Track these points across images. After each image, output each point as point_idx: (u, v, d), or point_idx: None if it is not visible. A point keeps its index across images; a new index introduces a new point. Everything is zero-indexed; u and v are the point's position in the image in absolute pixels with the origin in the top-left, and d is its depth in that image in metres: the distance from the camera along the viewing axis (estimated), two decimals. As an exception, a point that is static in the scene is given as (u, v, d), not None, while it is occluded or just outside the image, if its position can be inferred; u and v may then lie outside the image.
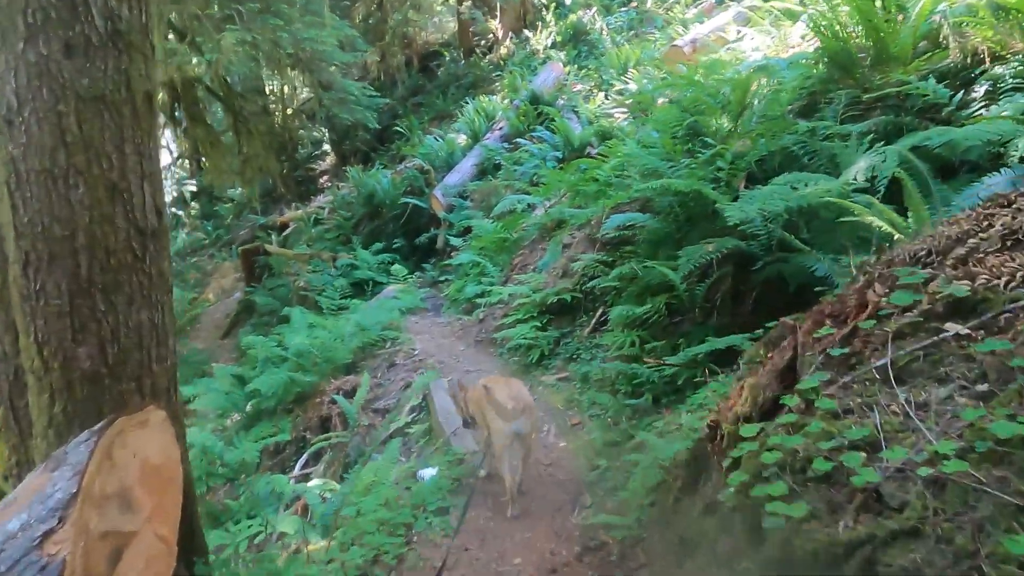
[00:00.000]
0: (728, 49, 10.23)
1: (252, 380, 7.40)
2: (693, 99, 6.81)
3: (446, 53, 19.91)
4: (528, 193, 9.52)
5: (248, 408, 7.41)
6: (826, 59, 6.34)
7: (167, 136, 22.15)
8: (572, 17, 17.09)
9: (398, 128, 17.24)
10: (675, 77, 7.44)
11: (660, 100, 11.01)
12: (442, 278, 10.93)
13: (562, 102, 12.95)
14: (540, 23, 17.73)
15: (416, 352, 7.52)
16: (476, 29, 20.05)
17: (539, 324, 6.76)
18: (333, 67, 13.75)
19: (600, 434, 4.74)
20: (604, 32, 15.95)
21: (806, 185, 4.72)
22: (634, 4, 16.59)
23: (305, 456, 6.58)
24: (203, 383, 8.36)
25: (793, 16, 9.23)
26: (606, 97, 12.52)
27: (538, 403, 5.82)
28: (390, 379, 7.18)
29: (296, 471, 6.52)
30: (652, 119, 7.06)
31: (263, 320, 12.31)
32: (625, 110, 11.69)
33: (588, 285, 6.49)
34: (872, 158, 4.40)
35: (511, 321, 6.96)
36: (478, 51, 19.19)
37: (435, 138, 14.23)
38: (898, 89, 5.45)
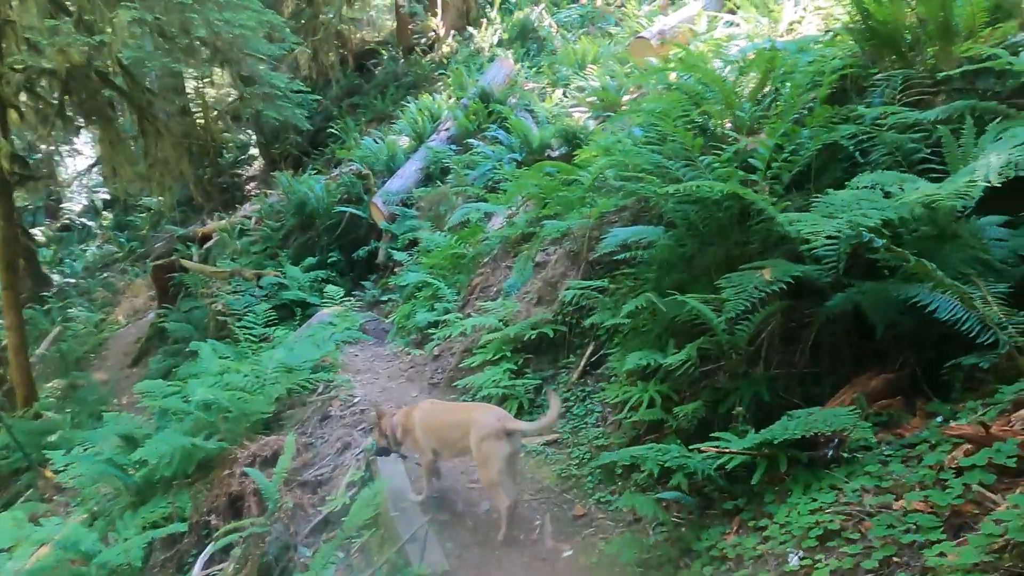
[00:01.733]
0: (700, 41, 8.92)
1: (143, 442, 5.58)
2: (691, 87, 5.36)
3: (384, 52, 18.13)
4: (485, 200, 7.93)
5: (137, 478, 5.58)
6: (862, 35, 4.98)
7: (83, 138, 19.67)
8: (519, 14, 15.60)
9: (333, 130, 15.41)
10: (672, 59, 5.97)
11: (626, 96, 9.70)
12: (384, 298, 9.26)
13: (514, 100, 11.43)
14: (485, 20, 16.18)
15: (356, 400, 5.83)
16: (416, 27, 18.36)
17: (513, 366, 5.18)
18: (260, 63, 11.88)
19: (625, 546, 3.19)
20: (554, 29, 14.51)
21: (901, 188, 3.29)
22: (583, 0, 15.22)
23: (208, 551, 4.83)
24: (84, 439, 6.47)
25: (784, -6, 7.94)
26: (564, 95, 11.04)
27: (520, 479, 4.25)
28: (323, 437, 5.48)
29: (196, 572, 4.75)
30: (644, 111, 5.55)
31: (176, 348, 10.35)
32: (586, 109, 10.25)
33: (584, 318, 4.94)
34: (1012, 150, 3.00)
35: (478, 362, 5.35)
36: (418, 49, 17.49)
37: (374, 140, 12.49)
38: (980, 66, 4.12)
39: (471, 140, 10.36)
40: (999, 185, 3.01)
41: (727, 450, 2.93)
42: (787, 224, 3.68)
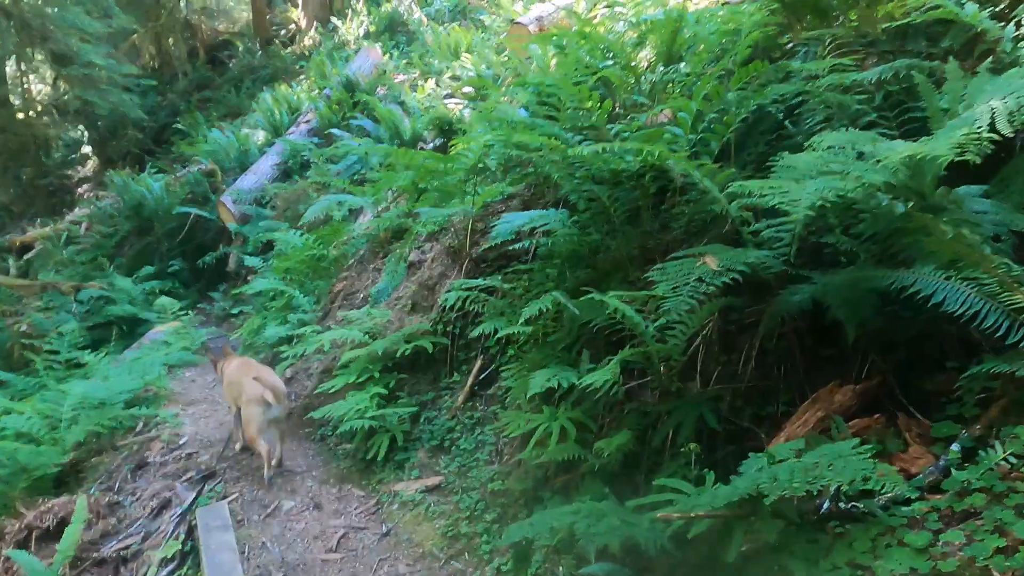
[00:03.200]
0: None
1: None
2: (585, 58, 4.50)
3: (239, 43, 16.32)
4: (351, 194, 6.73)
5: None
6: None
7: None
8: (387, 6, 14.42)
9: (179, 127, 13.52)
10: (562, 31, 5.09)
11: (504, 85, 8.83)
12: (235, 311, 7.82)
13: (383, 92, 10.26)
14: (350, 11, 14.85)
15: (183, 440, 4.50)
16: (275, 18, 16.72)
17: (383, 389, 4.07)
18: (81, 41, 9.98)
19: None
20: (424, 22, 13.47)
21: (873, 145, 2.52)
22: (452, -7, 14.28)
23: (-46, 673, 3.38)
24: None
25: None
26: (437, 84, 10.01)
27: (393, 541, 3.18)
28: (135, 493, 4.12)
29: None
30: (531, 83, 4.60)
31: (-27, 379, 8.35)
32: (461, 99, 9.28)
33: (470, 327, 3.91)
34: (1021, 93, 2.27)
35: (339, 385, 4.20)
36: (278, 41, 15.87)
37: (224, 134, 10.89)
38: (926, 16, 3.49)
39: (335, 131, 9.09)
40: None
41: (693, 514, 2.00)
42: (726, 202, 2.85)
